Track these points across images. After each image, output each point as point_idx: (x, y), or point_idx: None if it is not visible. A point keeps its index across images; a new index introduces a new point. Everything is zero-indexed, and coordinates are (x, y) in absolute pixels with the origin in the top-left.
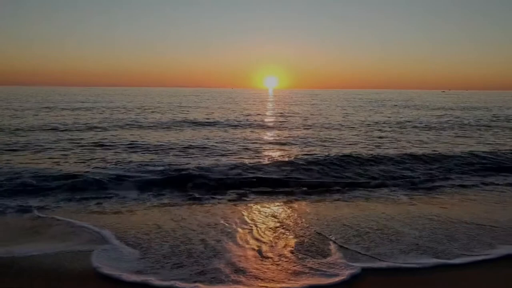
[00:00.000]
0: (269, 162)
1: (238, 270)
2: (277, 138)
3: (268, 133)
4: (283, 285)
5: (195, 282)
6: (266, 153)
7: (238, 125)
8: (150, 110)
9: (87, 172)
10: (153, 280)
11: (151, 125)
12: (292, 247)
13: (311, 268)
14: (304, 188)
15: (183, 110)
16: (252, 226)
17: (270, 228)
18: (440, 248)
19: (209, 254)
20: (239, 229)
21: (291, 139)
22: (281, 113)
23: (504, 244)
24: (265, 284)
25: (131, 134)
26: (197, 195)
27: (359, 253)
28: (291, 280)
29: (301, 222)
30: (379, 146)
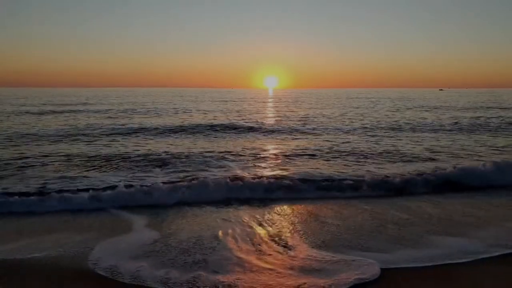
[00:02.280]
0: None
1: (245, 265)
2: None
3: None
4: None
5: (196, 270)
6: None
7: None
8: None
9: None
10: (145, 266)
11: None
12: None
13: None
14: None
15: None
16: (275, 227)
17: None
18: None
19: (221, 247)
20: (263, 229)
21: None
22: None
23: (437, 235)
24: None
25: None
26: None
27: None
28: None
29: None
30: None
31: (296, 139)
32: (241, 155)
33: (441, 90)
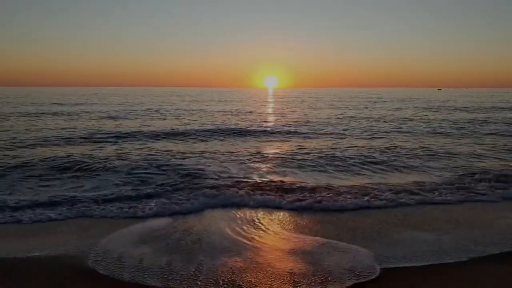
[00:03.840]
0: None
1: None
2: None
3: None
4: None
5: (197, 255)
6: None
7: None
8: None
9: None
10: (150, 251)
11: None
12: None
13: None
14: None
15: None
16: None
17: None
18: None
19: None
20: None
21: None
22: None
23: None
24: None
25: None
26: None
27: None
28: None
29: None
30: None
31: (293, 141)
32: (241, 158)
33: (439, 89)
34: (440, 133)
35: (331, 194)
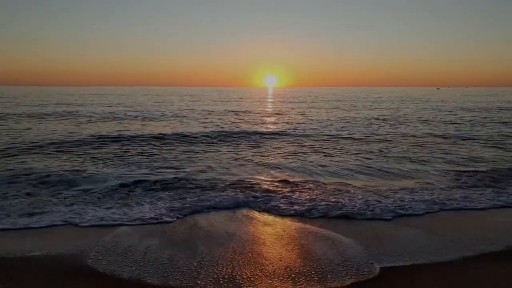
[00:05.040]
0: None
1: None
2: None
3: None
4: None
5: (197, 254)
6: None
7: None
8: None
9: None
10: (150, 251)
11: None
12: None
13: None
14: None
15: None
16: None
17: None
18: None
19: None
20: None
21: None
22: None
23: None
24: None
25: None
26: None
27: None
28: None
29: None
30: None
31: (292, 141)
32: (241, 158)
33: (438, 89)
34: (438, 133)
35: (330, 197)
